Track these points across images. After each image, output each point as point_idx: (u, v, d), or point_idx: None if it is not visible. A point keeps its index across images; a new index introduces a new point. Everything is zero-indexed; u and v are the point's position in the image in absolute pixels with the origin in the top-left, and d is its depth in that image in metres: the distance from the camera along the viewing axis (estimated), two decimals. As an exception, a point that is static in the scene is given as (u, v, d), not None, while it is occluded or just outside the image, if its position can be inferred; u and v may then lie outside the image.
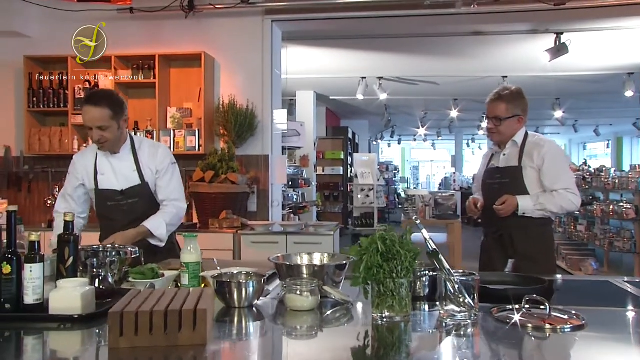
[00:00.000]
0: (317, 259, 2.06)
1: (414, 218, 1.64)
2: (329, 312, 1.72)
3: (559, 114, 11.03)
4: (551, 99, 10.65)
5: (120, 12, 4.84)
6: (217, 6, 4.74)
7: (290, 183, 7.47)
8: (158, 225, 2.65)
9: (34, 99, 4.88)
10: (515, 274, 2.17)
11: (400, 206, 19.99)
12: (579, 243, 7.71)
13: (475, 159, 24.92)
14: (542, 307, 1.59)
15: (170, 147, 4.73)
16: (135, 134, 4.82)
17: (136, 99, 5.00)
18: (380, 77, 8.97)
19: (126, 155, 2.75)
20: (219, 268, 1.84)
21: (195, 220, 4.74)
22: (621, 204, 6.24)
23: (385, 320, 1.56)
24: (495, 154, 2.93)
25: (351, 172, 13.10)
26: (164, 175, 2.76)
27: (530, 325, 1.51)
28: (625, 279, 2.28)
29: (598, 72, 8.59)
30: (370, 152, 16.55)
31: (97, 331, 1.56)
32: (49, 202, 5.08)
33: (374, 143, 20.47)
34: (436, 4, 4.51)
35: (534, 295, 1.60)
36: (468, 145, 22.38)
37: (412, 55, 7.80)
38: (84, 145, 4.87)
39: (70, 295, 1.57)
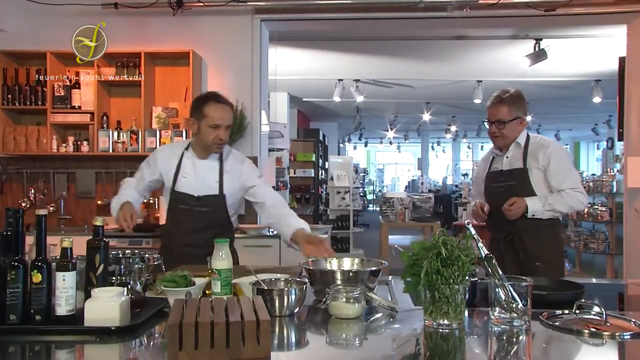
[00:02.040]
0: (348, 264, 2.00)
1: (466, 223, 1.60)
2: (374, 320, 1.67)
3: (528, 118, 11.27)
4: (521, 104, 10.88)
5: (104, 7, 4.66)
6: (206, 4, 4.62)
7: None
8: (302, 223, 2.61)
9: (9, 95, 4.63)
10: (543, 278, 2.17)
11: (369, 208, 20.16)
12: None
13: (438, 162, 25.33)
14: (593, 312, 1.58)
15: (156, 148, 4.59)
16: (119, 134, 4.65)
17: (119, 97, 4.82)
18: (357, 79, 8.97)
19: (213, 162, 2.71)
20: (255, 275, 1.76)
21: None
22: (595, 206, 6.42)
23: (439, 327, 1.52)
24: (497, 157, 2.89)
25: (322, 174, 13.07)
26: (259, 186, 2.76)
27: (587, 331, 1.49)
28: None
29: (567, 79, 8.84)
30: (339, 154, 16.60)
31: (137, 344, 1.46)
32: (24, 205, 4.83)
33: (341, 145, 20.53)
34: (429, 7, 4.52)
35: (585, 301, 1.59)
36: (433, 148, 22.71)
37: (390, 58, 7.82)
38: (63, 145, 4.67)
39: (107, 306, 1.47)
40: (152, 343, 1.51)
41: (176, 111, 4.77)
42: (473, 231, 1.58)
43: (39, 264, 1.48)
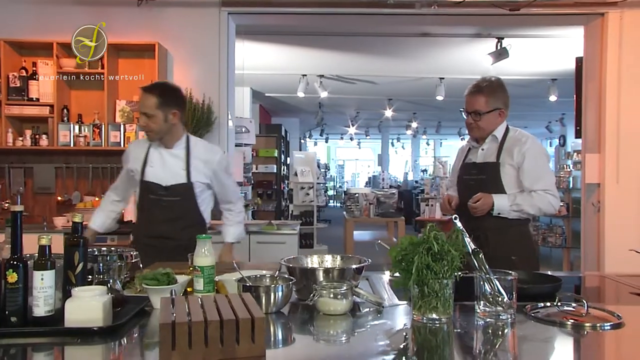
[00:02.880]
0: (329, 261, 1.99)
1: (453, 217, 1.61)
2: (361, 315, 1.66)
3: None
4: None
5: (64, -5, 4.48)
6: (172, -5, 4.51)
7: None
8: (239, 233, 2.96)
9: (-40, 87, 4.40)
10: (521, 271, 2.19)
11: (330, 204, 20.22)
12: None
13: (398, 158, 25.66)
14: (574, 304, 1.63)
15: (120, 142, 4.47)
16: (80, 128, 4.49)
17: (80, 90, 4.65)
18: (321, 75, 8.97)
19: (179, 152, 2.74)
20: (239, 271, 1.73)
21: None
22: (554, 201, 6.61)
23: (428, 322, 1.52)
24: (473, 148, 2.76)
25: (284, 170, 13.03)
26: (221, 177, 2.82)
27: (569, 322, 1.53)
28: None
29: (525, 77, 9.08)
30: (300, 150, 16.56)
31: (121, 344, 1.41)
32: (-23, 200, 4.62)
33: (302, 141, 20.51)
34: (397, 4, 4.55)
35: (569, 294, 1.63)
36: (392, 144, 22.95)
37: (354, 54, 7.84)
38: (20, 138, 4.48)
39: (89, 305, 1.41)
40: (136, 343, 1.46)
41: (140, 105, 4.64)
42: (460, 225, 1.59)
43: (14, 262, 1.40)
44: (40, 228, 4.41)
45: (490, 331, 1.53)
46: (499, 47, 6.34)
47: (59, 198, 4.65)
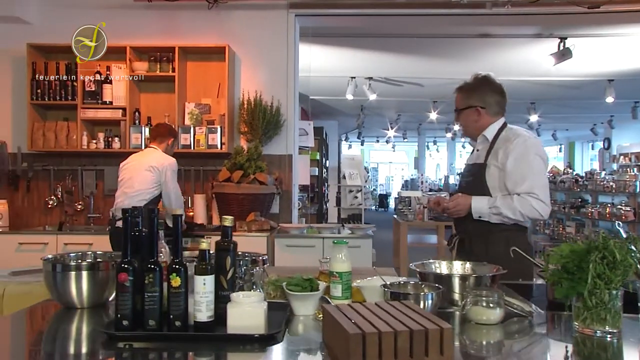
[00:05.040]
0: (459, 267, 1.93)
1: (617, 224, 1.53)
2: (511, 324, 1.59)
3: (534, 117, 11.31)
4: (526, 103, 10.92)
5: (136, 0, 4.52)
6: (241, -2, 4.51)
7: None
8: None
9: (38, 90, 4.48)
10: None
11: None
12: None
13: (430, 161, 25.42)
14: None
15: (190, 145, 4.48)
16: (149, 130, 4.53)
17: (149, 93, 4.69)
18: (369, 77, 8.90)
19: None
20: (381, 277, 1.68)
21: (216, 222, 4.50)
22: (619, 206, 6.41)
23: (594, 335, 1.44)
24: (473, 149, 2.61)
25: (324, 172, 12.99)
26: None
27: None
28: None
29: (580, 78, 8.84)
30: (339, 154, 16.51)
31: (282, 352, 1.37)
32: (51, 203, 4.69)
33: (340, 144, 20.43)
34: (469, 4, 4.46)
35: None
36: (428, 147, 22.73)
37: (401, 56, 7.74)
38: (93, 141, 4.53)
39: (252, 312, 1.37)
40: (294, 351, 1.41)
41: (209, 107, 4.66)
42: (623, 232, 1.51)
43: (177, 266, 1.38)
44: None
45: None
46: (561, 47, 6.18)
47: (129, 200, 4.68)
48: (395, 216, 7.99)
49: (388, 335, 1.16)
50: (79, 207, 4.66)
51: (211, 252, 1.44)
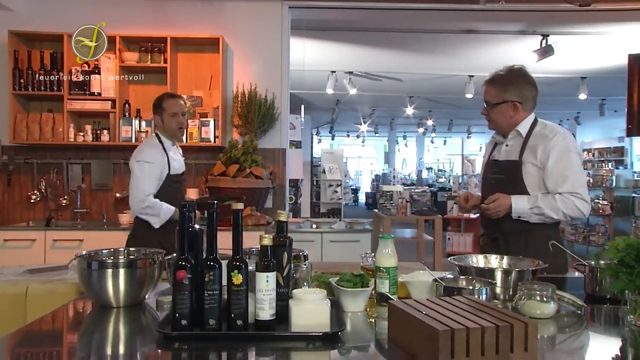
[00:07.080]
0: (495, 261, 1.92)
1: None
2: (563, 319, 1.59)
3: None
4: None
5: (127, -13, 4.37)
6: (235, -12, 4.42)
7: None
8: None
9: (21, 80, 4.28)
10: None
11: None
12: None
13: (399, 156, 25.64)
14: None
15: (183, 138, 4.36)
16: (140, 123, 4.40)
17: (138, 84, 4.54)
18: (349, 71, 8.88)
19: (175, 146, 3.33)
20: (430, 272, 1.65)
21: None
22: (596, 200, 6.59)
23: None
24: (499, 144, 2.48)
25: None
26: None
27: None
28: None
29: (555, 75, 9.04)
30: (311, 148, 16.45)
31: (348, 351, 1.33)
32: (33, 198, 4.50)
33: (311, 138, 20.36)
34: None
35: None
36: (397, 142, 22.90)
37: (382, 50, 7.73)
38: (80, 134, 4.37)
39: (317, 310, 1.33)
40: (358, 350, 1.38)
41: (201, 100, 4.55)
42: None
43: (238, 263, 1.32)
44: (101, 225, 4.31)
45: None
46: (544, 44, 6.29)
47: (117, 195, 4.54)
48: (376, 210, 8.00)
49: (475, 332, 1.14)
50: (64, 202, 4.49)
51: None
